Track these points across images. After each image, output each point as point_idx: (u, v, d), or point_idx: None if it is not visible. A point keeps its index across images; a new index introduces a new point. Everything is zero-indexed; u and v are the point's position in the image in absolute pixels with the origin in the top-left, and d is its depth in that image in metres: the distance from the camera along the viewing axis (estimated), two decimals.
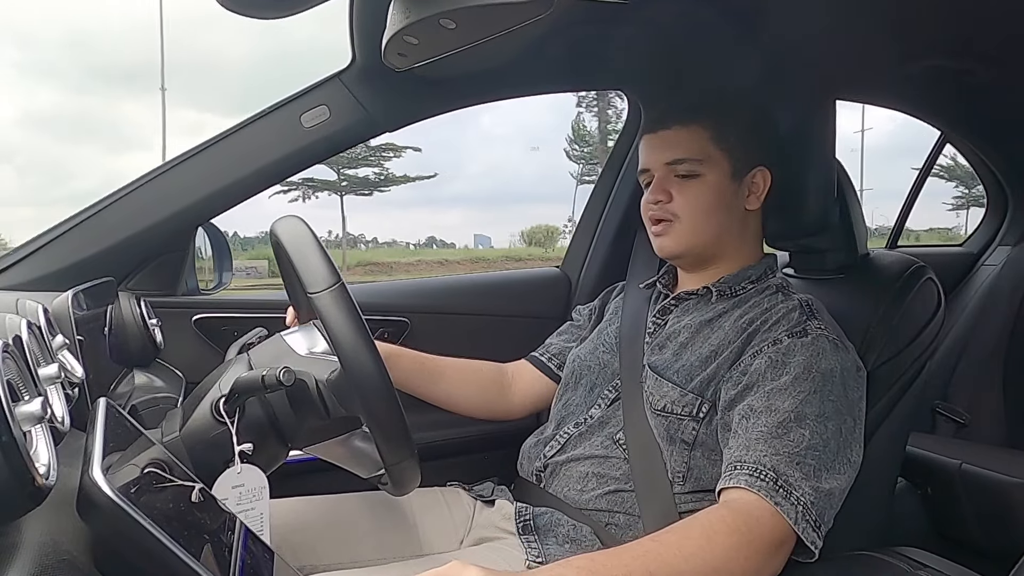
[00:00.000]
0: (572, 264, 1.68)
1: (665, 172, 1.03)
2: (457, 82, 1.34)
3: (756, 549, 0.77)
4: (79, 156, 30.04)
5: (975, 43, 1.36)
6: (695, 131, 1.02)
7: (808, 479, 0.82)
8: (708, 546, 0.75)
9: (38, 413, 0.52)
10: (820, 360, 0.89)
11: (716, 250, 1.05)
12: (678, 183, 1.03)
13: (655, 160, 1.05)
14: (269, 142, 1.28)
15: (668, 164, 1.03)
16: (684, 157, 1.01)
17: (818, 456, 0.83)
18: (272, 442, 0.85)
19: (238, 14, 0.83)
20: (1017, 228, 2.18)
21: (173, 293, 1.35)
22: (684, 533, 0.77)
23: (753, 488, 0.80)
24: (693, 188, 1.02)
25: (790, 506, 0.80)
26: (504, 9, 0.77)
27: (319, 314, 0.75)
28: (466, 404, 1.21)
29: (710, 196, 1.02)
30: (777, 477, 0.81)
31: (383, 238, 21.95)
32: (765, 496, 0.80)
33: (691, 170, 1.01)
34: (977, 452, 1.64)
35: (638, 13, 1.20)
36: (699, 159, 1.01)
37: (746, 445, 0.85)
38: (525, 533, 0.97)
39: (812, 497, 0.81)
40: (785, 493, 0.80)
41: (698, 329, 1.02)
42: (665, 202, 1.03)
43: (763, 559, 0.78)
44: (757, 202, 1.05)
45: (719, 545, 0.76)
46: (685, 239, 1.04)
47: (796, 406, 0.86)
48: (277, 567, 0.73)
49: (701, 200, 1.02)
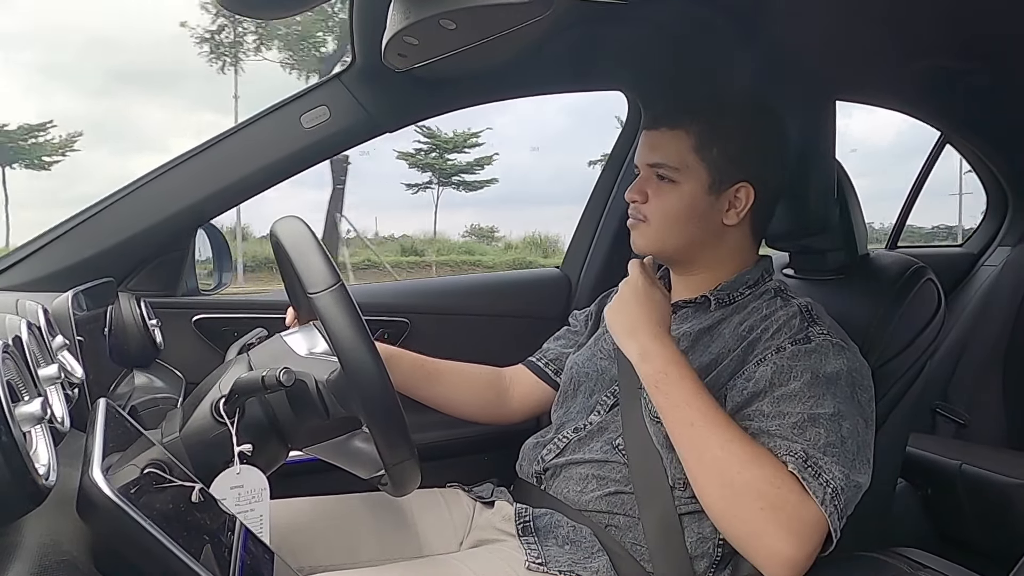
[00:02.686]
0: (572, 264, 1.68)
1: (648, 172, 1.03)
2: (457, 82, 1.34)
3: (779, 513, 0.79)
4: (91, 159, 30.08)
5: (975, 43, 1.36)
6: (680, 136, 1.00)
7: (838, 466, 0.82)
8: (746, 466, 0.81)
9: (38, 413, 0.52)
10: (825, 364, 0.89)
11: (687, 257, 1.05)
12: (656, 185, 1.02)
13: (641, 159, 1.05)
14: (269, 142, 1.28)
15: (649, 165, 1.03)
16: (662, 162, 1.01)
17: (838, 453, 0.83)
18: (272, 443, 0.85)
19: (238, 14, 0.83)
20: (1017, 228, 2.18)
21: (173, 293, 1.34)
22: (740, 439, 0.83)
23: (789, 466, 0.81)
24: (667, 194, 1.01)
25: (819, 486, 0.80)
26: (504, 9, 0.77)
27: (319, 314, 0.75)
28: (463, 407, 1.21)
29: (681, 205, 1.00)
30: (807, 458, 0.81)
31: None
32: (795, 471, 0.80)
33: (666, 174, 1.01)
34: (977, 452, 1.64)
35: (638, 13, 1.20)
36: (676, 167, 1.00)
37: (768, 439, 0.85)
38: (525, 534, 0.97)
39: (843, 483, 0.81)
40: (814, 473, 0.81)
41: (697, 337, 1.02)
42: (640, 202, 1.03)
43: (785, 531, 0.78)
44: (736, 218, 1.01)
45: (752, 476, 0.80)
46: (651, 241, 1.03)
47: (808, 409, 0.85)
48: (277, 567, 0.73)
49: (672, 208, 1.01)
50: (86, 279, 1.14)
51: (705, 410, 0.85)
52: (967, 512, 1.57)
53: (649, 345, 0.90)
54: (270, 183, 1.30)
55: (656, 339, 0.91)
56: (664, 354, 0.89)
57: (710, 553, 0.94)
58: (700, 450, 0.84)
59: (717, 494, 0.83)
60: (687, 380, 0.87)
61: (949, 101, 1.77)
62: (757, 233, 1.07)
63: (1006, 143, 2.00)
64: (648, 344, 0.90)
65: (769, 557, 0.80)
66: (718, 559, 0.94)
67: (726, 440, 0.83)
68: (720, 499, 0.83)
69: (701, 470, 0.84)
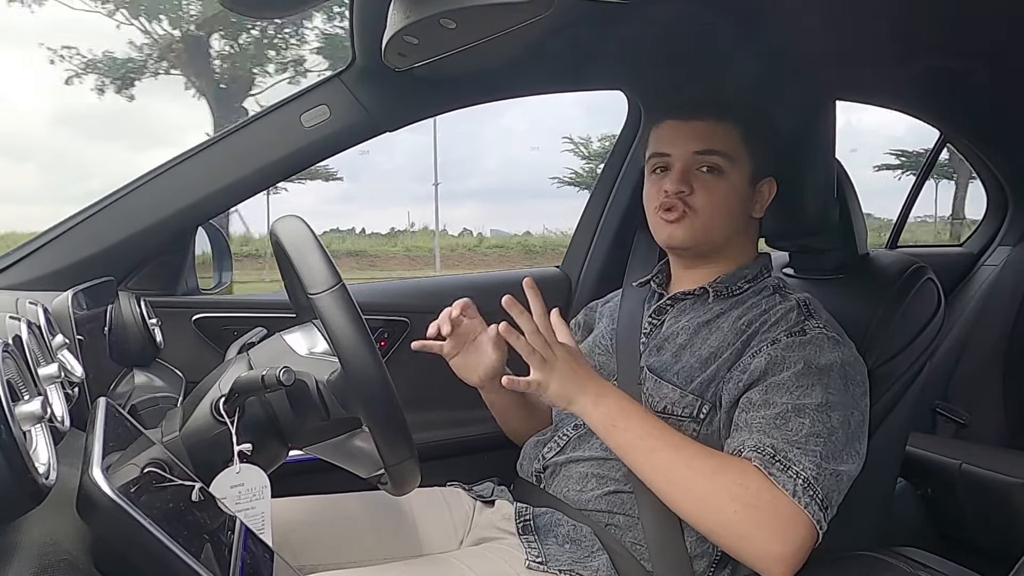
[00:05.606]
0: (572, 264, 1.68)
1: (691, 162, 1.01)
2: (457, 82, 1.34)
3: (755, 512, 0.80)
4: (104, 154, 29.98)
5: (975, 43, 1.36)
6: (729, 127, 1.01)
7: (809, 457, 0.83)
8: (713, 475, 0.83)
9: (38, 413, 0.52)
10: (819, 356, 0.90)
11: (717, 249, 1.05)
12: (702, 177, 1.00)
13: (681, 147, 1.01)
14: (269, 142, 1.28)
15: (698, 153, 1.00)
16: (717, 150, 0.99)
17: (823, 443, 0.84)
18: (272, 442, 0.85)
19: (238, 14, 0.83)
20: (1017, 228, 2.18)
21: (173, 293, 1.34)
22: (703, 453, 0.86)
23: (754, 462, 0.83)
24: (715, 184, 1.00)
25: (788, 479, 0.81)
26: (504, 9, 0.77)
27: (319, 314, 0.74)
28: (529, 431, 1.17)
29: (730, 197, 1.01)
30: (775, 453, 0.83)
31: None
32: (761, 467, 0.82)
33: (718, 164, 1.00)
34: (977, 452, 1.64)
35: (638, 13, 1.20)
36: (731, 156, 1.00)
37: (747, 434, 0.87)
38: (525, 533, 0.97)
39: (814, 472, 0.82)
40: (782, 467, 0.82)
41: (696, 330, 1.02)
42: (687, 194, 1.00)
43: (766, 529, 0.80)
44: (761, 211, 1.06)
45: (721, 482, 0.82)
46: (698, 234, 1.01)
47: (794, 400, 0.87)
48: (277, 567, 0.73)
49: (721, 199, 1.00)
50: (86, 278, 1.14)
51: (662, 435, 0.88)
52: (967, 512, 1.57)
53: (599, 390, 0.91)
54: (270, 182, 1.30)
55: (603, 385, 0.92)
56: (614, 394, 0.92)
57: (709, 552, 0.94)
58: (667, 473, 0.86)
59: (694, 508, 0.85)
60: (640, 412, 0.90)
61: (949, 101, 1.77)
62: (762, 228, 1.10)
63: (1006, 143, 2.00)
64: (598, 390, 0.91)
65: (759, 557, 0.81)
66: (717, 558, 0.95)
67: (689, 457, 0.86)
68: (698, 512, 0.85)
69: (674, 491, 0.86)
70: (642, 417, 0.89)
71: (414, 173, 26.52)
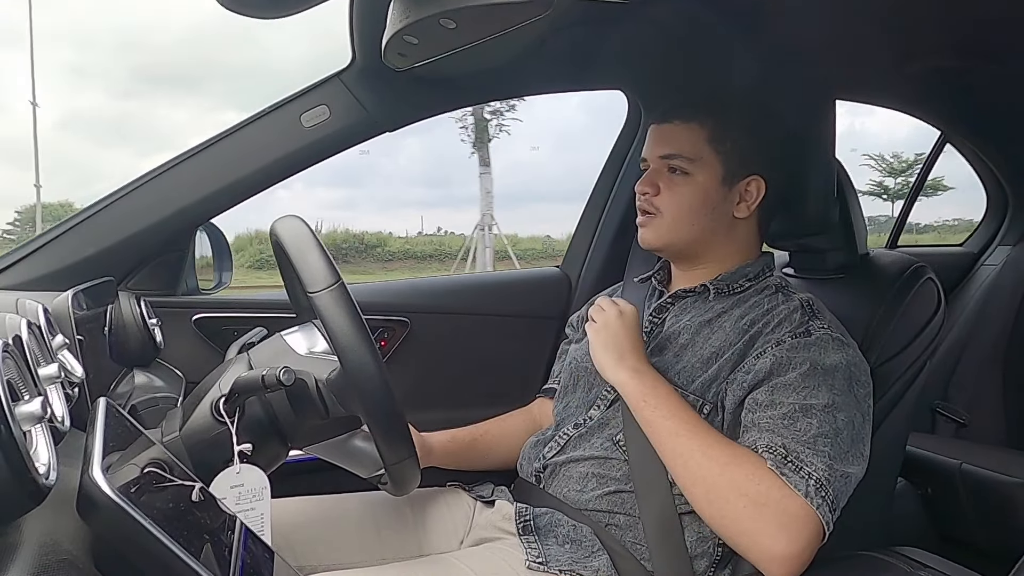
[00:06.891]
0: (572, 264, 1.68)
1: (659, 165, 1.04)
2: (457, 82, 1.34)
3: (764, 510, 0.80)
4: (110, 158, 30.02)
5: (975, 43, 1.36)
6: (693, 129, 1.02)
7: (820, 458, 0.83)
8: (727, 467, 0.84)
9: (38, 413, 0.52)
10: (824, 357, 0.90)
11: (698, 250, 1.05)
12: (668, 178, 1.03)
13: (651, 151, 1.05)
14: (269, 142, 1.28)
15: (662, 157, 1.03)
16: (677, 153, 1.02)
17: (830, 443, 0.84)
18: (272, 442, 0.85)
19: (238, 14, 0.83)
20: (1017, 228, 2.18)
21: (173, 293, 1.34)
22: (721, 442, 0.87)
23: (767, 463, 0.83)
24: (681, 186, 1.02)
25: (800, 479, 0.81)
26: (504, 9, 0.77)
27: (319, 314, 0.74)
28: (511, 460, 1.17)
29: (696, 197, 1.01)
30: (787, 453, 0.83)
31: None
32: (773, 467, 0.82)
33: (681, 166, 1.01)
34: (977, 452, 1.64)
35: (638, 13, 1.20)
36: (691, 158, 1.01)
37: (757, 433, 0.87)
38: (525, 533, 0.97)
39: (826, 473, 0.82)
40: (795, 467, 0.82)
41: (698, 330, 1.02)
42: (652, 195, 1.04)
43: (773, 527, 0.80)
44: (747, 211, 1.04)
45: (734, 476, 0.83)
46: (664, 234, 1.04)
47: (801, 400, 0.87)
48: (277, 567, 0.73)
49: (686, 200, 1.02)
50: (86, 278, 1.14)
51: (688, 420, 0.89)
52: (967, 512, 1.57)
53: (639, 365, 0.95)
54: (270, 182, 1.30)
55: (643, 360, 0.97)
56: (652, 372, 0.95)
57: (710, 552, 0.94)
58: (685, 458, 0.87)
59: (704, 498, 0.85)
60: (672, 394, 0.93)
61: (949, 101, 1.77)
62: (763, 228, 1.09)
63: (1006, 143, 2.01)
64: (638, 364, 0.96)
65: (763, 555, 0.81)
66: (718, 558, 0.95)
67: (707, 445, 0.87)
68: (707, 503, 0.85)
69: (687, 476, 0.87)
70: (671, 399, 0.92)
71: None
